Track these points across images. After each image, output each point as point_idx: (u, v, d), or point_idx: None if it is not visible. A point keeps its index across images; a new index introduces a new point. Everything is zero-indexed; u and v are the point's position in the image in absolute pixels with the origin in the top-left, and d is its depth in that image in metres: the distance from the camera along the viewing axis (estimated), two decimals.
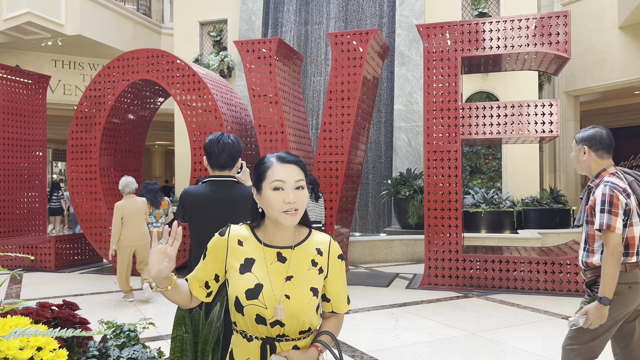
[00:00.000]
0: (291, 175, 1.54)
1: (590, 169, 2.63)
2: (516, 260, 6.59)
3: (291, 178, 1.53)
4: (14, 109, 9.22)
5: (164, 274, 1.52)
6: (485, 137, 6.73)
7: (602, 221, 2.43)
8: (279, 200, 1.51)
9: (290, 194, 1.51)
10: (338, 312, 1.67)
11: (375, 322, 5.28)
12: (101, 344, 1.90)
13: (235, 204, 2.62)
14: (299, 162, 1.58)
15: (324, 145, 7.29)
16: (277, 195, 1.52)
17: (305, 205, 1.56)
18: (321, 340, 1.58)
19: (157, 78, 8.11)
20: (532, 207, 10.84)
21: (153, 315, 5.53)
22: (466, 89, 11.56)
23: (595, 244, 2.55)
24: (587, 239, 2.60)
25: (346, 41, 7.22)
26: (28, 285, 7.37)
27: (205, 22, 14.10)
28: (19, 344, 1.44)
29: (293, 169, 1.55)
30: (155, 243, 6.58)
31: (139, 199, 6.38)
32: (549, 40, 6.49)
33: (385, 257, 9.32)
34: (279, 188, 1.52)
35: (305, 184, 1.57)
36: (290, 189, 1.52)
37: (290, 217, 1.52)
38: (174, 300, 1.62)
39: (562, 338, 2.69)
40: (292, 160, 1.57)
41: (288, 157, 1.58)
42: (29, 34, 13.23)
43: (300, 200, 1.53)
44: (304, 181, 1.55)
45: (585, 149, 2.63)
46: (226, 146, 2.68)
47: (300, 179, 1.54)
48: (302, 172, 1.57)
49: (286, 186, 1.52)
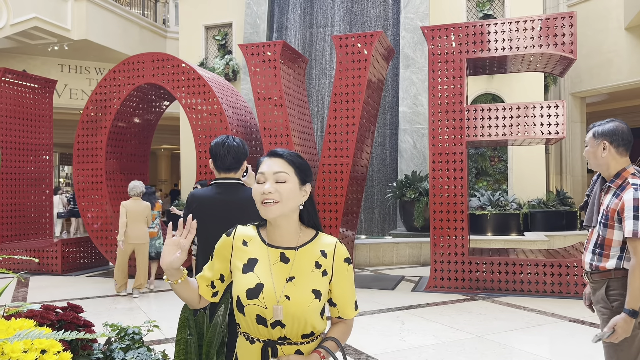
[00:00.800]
0: (272, 166, 1.53)
1: (608, 166, 2.43)
2: (522, 262, 6.55)
3: (271, 169, 1.53)
4: (21, 113, 9.28)
5: (175, 265, 1.52)
6: (491, 139, 6.70)
7: (635, 229, 2.25)
8: (259, 191, 1.52)
9: (266, 185, 1.51)
10: (345, 318, 1.64)
11: (381, 324, 5.25)
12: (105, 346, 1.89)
13: (241, 205, 2.63)
14: (287, 155, 1.56)
15: (328, 148, 7.28)
16: (258, 187, 1.53)
17: (289, 199, 1.52)
18: (325, 346, 1.55)
19: (163, 82, 8.14)
20: (539, 209, 10.79)
21: (157, 318, 5.53)
22: (471, 90, 11.53)
23: (612, 249, 2.38)
24: (602, 243, 2.42)
25: (351, 44, 7.22)
26: (34, 289, 7.40)
27: (210, 26, 14.15)
28: (23, 347, 1.44)
29: (277, 161, 1.55)
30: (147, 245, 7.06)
31: (144, 202, 6.91)
32: (554, 41, 6.46)
33: (391, 259, 9.29)
34: (260, 181, 1.53)
35: (293, 179, 1.54)
36: (269, 180, 1.52)
37: (267, 208, 1.50)
38: (183, 297, 1.62)
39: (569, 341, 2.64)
40: (279, 154, 1.57)
41: (277, 151, 1.58)
42: (35, 39, 13.32)
43: (279, 192, 1.50)
44: (286, 174, 1.52)
45: (605, 145, 2.41)
46: (231, 149, 2.69)
47: (280, 170, 1.52)
48: (289, 165, 1.54)
49: (265, 177, 1.52)
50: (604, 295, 2.43)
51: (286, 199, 1.52)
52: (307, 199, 1.60)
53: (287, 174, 1.53)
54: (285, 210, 1.53)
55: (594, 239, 2.49)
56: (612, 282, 2.40)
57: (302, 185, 1.56)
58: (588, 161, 2.56)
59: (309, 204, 1.61)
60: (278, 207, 1.51)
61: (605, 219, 2.41)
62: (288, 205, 1.53)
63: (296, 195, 1.54)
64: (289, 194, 1.52)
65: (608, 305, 2.41)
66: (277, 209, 1.51)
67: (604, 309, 2.43)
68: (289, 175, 1.53)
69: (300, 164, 1.57)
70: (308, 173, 1.59)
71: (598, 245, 2.45)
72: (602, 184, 2.53)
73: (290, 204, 1.53)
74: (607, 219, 2.39)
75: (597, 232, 2.46)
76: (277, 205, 1.51)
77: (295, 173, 1.55)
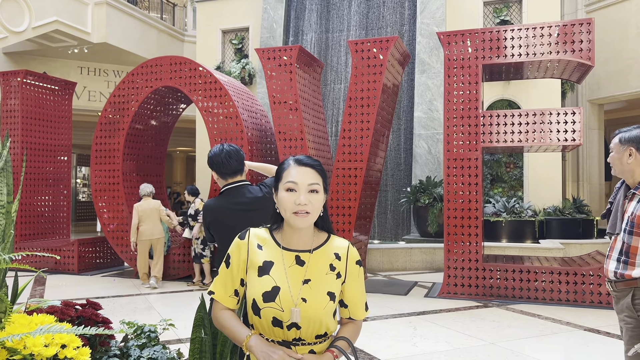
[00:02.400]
0: (305, 177, 1.55)
1: (634, 173, 2.42)
2: (537, 270, 6.50)
3: (305, 180, 1.54)
4: (41, 114, 9.46)
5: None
6: (507, 145, 6.66)
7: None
8: (290, 201, 1.53)
9: (301, 196, 1.53)
10: (356, 319, 1.67)
11: (393, 330, 5.25)
12: (122, 343, 1.93)
13: (256, 205, 2.68)
14: (317, 165, 1.59)
15: (343, 152, 7.30)
16: (289, 196, 1.54)
17: (319, 209, 1.56)
18: (338, 345, 1.57)
19: (180, 85, 8.24)
20: (554, 216, 10.68)
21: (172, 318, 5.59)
22: (487, 96, 11.47)
23: (638, 257, 2.34)
24: (627, 250, 2.38)
25: (366, 49, 7.24)
26: (51, 287, 7.51)
27: (227, 30, 14.28)
28: (44, 341, 1.48)
29: (308, 171, 1.56)
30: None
31: (154, 200, 7.63)
32: (572, 47, 6.42)
33: (404, 265, 9.26)
34: (292, 189, 1.54)
35: (322, 188, 1.57)
36: (303, 191, 1.53)
37: (300, 219, 1.53)
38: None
39: (584, 350, 2.60)
40: (309, 164, 1.58)
41: (305, 160, 1.59)
42: (56, 42, 13.56)
43: (312, 203, 1.53)
44: (319, 185, 1.56)
45: (631, 151, 2.40)
46: (231, 153, 2.77)
47: (314, 182, 1.55)
48: (319, 176, 1.57)
49: (299, 188, 1.54)
50: (629, 303, 2.38)
51: (316, 210, 1.56)
52: None
53: (319, 185, 1.56)
54: (313, 220, 1.57)
55: (618, 247, 2.45)
56: (638, 290, 2.36)
57: (325, 194, 1.60)
58: (613, 167, 2.54)
59: (324, 210, 1.64)
60: (310, 218, 1.55)
61: (630, 226, 2.37)
62: (315, 215, 1.57)
63: (322, 205, 1.59)
64: (319, 205, 1.56)
65: (634, 314, 2.36)
66: (309, 219, 1.55)
67: (629, 318, 2.39)
68: (320, 186, 1.57)
69: (325, 173, 1.61)
70: (328, 182, 1.64)
71: (623, 253, 2.41)
72: (627, 191, 2.49)
73: (317, 214, 1.57)
74: (633, 226, 2.36)
75: (622, 239, 2.42)
76: (310, 216, 1.54)
77: (323, 183, 1.59)
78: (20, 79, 9.07)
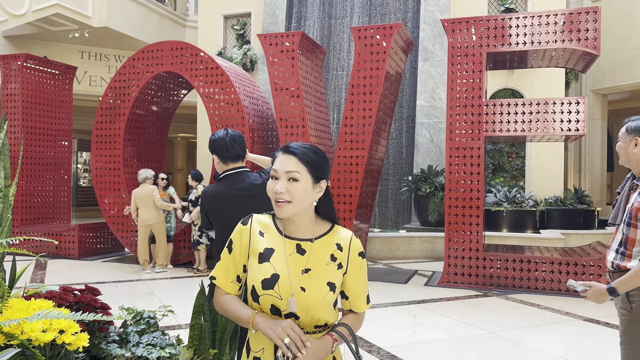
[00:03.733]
0: (285, 165, 1.51)
1: (638, 163, 2.40)
2: (538, 260, 6.49)
3: (284, 168, 1.51)
4: (42, 99, 9.41)
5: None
6: (509, 134, 6.62)
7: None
8: (271, 188, 1.51)
9: (278, 184, 1.50)
10: (356, 311, 1.65)
11: (393, 318, 5.26)
12: (121, 329, 1.92)
13: (255, 191, 2.66)
14: (300, 153, 1.52)
15: (344, 140, 7.26)
16: (271, 184, 1.52)
17: (301, 199, 1.50)
18: (338, 330, 1.55)
19: (181, 70, 8.18)
20: (556, 207, 10.66)
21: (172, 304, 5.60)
22: (491, 85, 11.39)
23: (635, 249, 2.34)
24: (625, 242, 2.37)
25: (369, 35, 7.17)
26: (52, 272, 7.53)
27: (229, 16, 14.16)
28: (42, 326, 1.47)
29: (289, 159, 1.52)
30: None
31: (149, 186, 7.59)
32: (577, 36, 6.35)
33: (404, 253, 9.27)
34: (274, 177, 1.52)
35: (306, 177, 1.50)
36: (282, 178, 1.50)
37: (279, 208, 1.50)
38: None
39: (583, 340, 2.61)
40: (292, 151, 1.53)
41: (291, 147, 1.54)
42: (56, 26, 13.46)
43: (290, 192, 1.48)
44: (298, 173, 1.49)
45: (637, 141, 2.39)
46: (235, 138, 2.74)
47: (292, 170, 1.49)
48: (301, 163, 1.51)
49: (279, 175, 1.51)
50: (624, 295, 2.37)
51: (298, 198, 1.50)
52: (323, 194, 1.58)
53: (299, 174, 1.50)
54: (298, 210, 1.52)
55: (618, 238, 2.44)
56: None
57: (315, 183, 1.53)
58: (620, 157, 2.52)
59: (325, 199, 1.59)
60: (290, 208, 1.50)
61: (629, 218, 2.36)
62: (300, 205, 1.51)
63: (309, 194, 1.52)
64: (300, 194, 1.50)
65: (627, 306, 2.36)
66: (289, 209, 1.50)
67: (623, 310, 2.38)
68: (301, 174, 1.50)
69: (314, 161, 1.53)
70: (324, 170, 1.55)
71: (622, 244, 2.40)
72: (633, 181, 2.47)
73: (302, 203, 1.51)
74: (631, 218, 2.34)
75: (622, 230, 2.41)
76: (289, 205, 1.49)
77: (309, 171, 1.51)
78: (21, 63, 9.01)
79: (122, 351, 1.76)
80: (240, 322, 1.56)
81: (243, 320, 1.54)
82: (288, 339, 1.42)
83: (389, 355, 4.11)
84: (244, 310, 1.55)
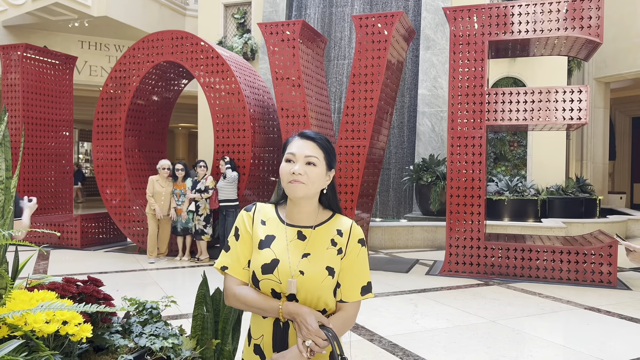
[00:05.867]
0: (304, 149, 1.56)
1: None
2: (539, 249, 6.50)
3: (302, 152, 1.55)
4: (42, 89, 9.39)
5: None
6: (511, 123, 6.60)
7: None
8: (287, 170, 1.54)
9: (296, 165, 1.53)
10: (346, 300, 1.58)
11: (394, 307, 5.28)
12: (124, 320, 1.93)
13: None
14: (319, 139, 1.58)
15: (346, 130, 7.24)
16: (286, 166, 1.55)
17: (316, 182, 1.55)
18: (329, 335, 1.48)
19: (182, 60, 8.14)
20: (557, 195, 10.66)
21: (174, 294, 5.62)
22: (492, 74, 11.33)
23: None
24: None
25: (371, 24, 7.12)
26: (55, 262, 7.57)
27: (229, 4, 14.06)
28: (45, 318, 1.47)
29: (308, 144, 1.57)
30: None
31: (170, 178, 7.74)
32: (580, 24, 6.30)
33: (406, 243, 9.29)
34: (290, 160, 1.55)
35: (322, 163, 1.56)
36: (300, 161, 1.54)
37: (294, 187, 1.53)
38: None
39: (584, 328, 2.62)
40: (311, 137, 1.58)
41: (308, 134, 1.59)
42: (56, 15, 13.39)
43: (307, 174, 1.53)
44: (317, 159, 1.55)
45: None
46: None
47: (311, 154, 1.55)
48: (320, 150, 1.57)
49: (296, 158, 1.54)
50: None
51: (312, 182, 1.55)
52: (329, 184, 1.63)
53: (317, 158, 1.55)
54: (310, 192, 1.56)
55: None
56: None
57: (328, 170, 1.59)
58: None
59: (330, 189, 1.63)
60: (303, 188, 1.53)
61: None
62: (313, 188, 1.56)
63: (322, 180, 1.58)
64: (316, 178, 1.55)
65: None
66: (303, 189, 1.53)
67: None
68: (319, 159, 1.56)
69: (329, 149, 1.60)
70: (334, 159, 1.62)
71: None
72: None
73: (315, 187, 1.56)
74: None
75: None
76: (303, 186, 1.53)
77: (324, 158, 1.58)
78: (21, 53, 8.98)
79: (125, 342, 1.77)
80: (267, 312, 1.54)
81: (271, 310, 1.52)
82: (310, 341, 1.45)
83: (390, 344, 4.13)
84: (270, 301, 1.53)
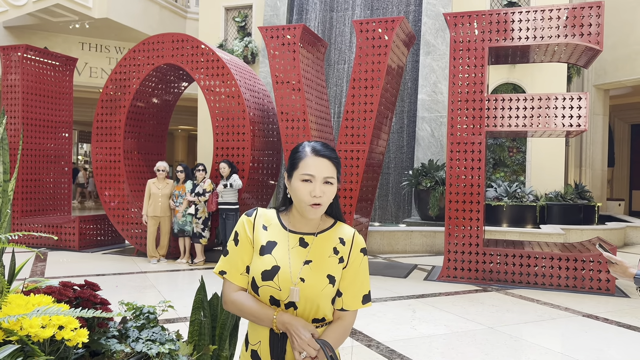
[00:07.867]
0: (322, 170, 1.53)
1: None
2: (537, 255, 6.49)
3: (321, 173, 1.53)
4: (42, 90, 9.38)
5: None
6: (511, 129, 6.60)
7: None
8: (305, 192, 1.52)
9: (317, 188, 1.52)
10: (347, 309, 1.58)
11: (392, 312, 5.26)
12: (121, 324, 1.92)
13: None
14: (333, 157, 1.56)
15: (345, 134, 7.24)
16: (304, 187, 1.52)
17: (330, 199, 1.56)
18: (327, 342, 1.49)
19: (182, 62, 8.15)
20: (556, 202, 10.66)
21: (172, 297, 5.60)
22: (492, 80, 11.35)
23: None
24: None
25: (371, 29, 7.13)
26: (52, 264, 7.54)
27: (230, 8, 14.09)
28: (41, 322, 1.46)
29: (326, 164, 1.54)
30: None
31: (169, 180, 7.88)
32: (580, 31, 6.31)
33: (404, 248, 9.28)
34: (307, 180, 1.53)
35: (335, 180, 1.56)
36: (318, 182, 1.52)
37: (314, 210, 1.53)
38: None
39: (582, 335, 2.60)
40: (326, 155, 1.55)
41: (323, 151, 1.56)
42: (57, 16, 13.40)
43: (325, 195, 1.53)
44: (333, 178, 1.55)
45: None
46: None
47: (330, 175, 1.54)
48: (335, 168, 1.56)
49: (315, 180, 1.52)
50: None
51: (328, 200, 1.56)
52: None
53: (333, 178, 1.56)
54: (325, 209, 1.57)
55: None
56: None
57: (338, 184, 1.60)
58: None
59: (335, 199, 1.63)
60: (322, 209, 1.55)
61: None
62: (328, 204, 1.57)
63: (334, 194, 1.59)
64: (331, 195, 1.56)
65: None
66: (321, 210, 1.55)
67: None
68: (334, 178, 1.56)
69: (340, 164, 1.60)
70: (341, 171, 1.64)
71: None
72: None
73: (329, 203, 1.58)
74: None
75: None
76: (322, 207, 1.55)
77: (337, 174, 1.58)
78: (21, 54, 8.97)
79: (122, 347, 1.76)
80: (260, 321, 1.54)
81: (265, 318, 1.52)
82: (305, 353, 1.45)
83: (388, 350, 4.12)
84: (265, 309, 1.53)
